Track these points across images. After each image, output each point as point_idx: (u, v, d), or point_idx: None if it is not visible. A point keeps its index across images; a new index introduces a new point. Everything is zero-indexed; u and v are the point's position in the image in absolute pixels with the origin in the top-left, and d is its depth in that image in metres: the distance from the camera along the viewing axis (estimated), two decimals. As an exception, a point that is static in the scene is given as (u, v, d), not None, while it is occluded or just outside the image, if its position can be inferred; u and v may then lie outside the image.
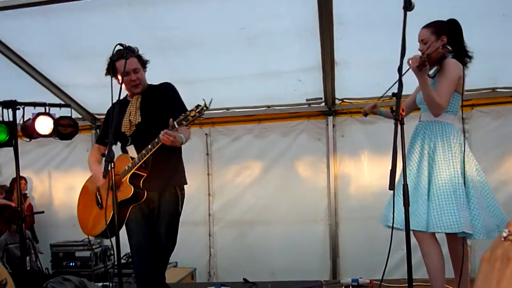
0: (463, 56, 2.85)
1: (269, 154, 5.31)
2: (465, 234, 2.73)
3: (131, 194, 2.86)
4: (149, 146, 2.85)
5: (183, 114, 2.70)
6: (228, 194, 5.41)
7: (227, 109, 5.22)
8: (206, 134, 5.43)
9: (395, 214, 2.49)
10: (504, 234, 0.68)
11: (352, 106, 5.07)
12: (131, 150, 3.05)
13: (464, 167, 2.80)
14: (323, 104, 5.08)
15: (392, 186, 1.97)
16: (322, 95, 4.95)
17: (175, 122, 2.71)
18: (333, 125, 5.13)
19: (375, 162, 4.89)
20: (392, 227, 2.33)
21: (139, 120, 3.05)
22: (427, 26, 2.90)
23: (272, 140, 5.31)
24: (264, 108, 5.23)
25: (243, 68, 4.57)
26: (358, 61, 4.34)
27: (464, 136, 4.70)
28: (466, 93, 4.46)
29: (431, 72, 2.86)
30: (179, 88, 4.26)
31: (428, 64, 2.62)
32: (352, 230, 5.07)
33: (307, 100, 5.06)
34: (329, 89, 4.73)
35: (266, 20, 3.89)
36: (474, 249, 4.52)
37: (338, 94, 4.94)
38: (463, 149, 2.82)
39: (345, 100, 5.06)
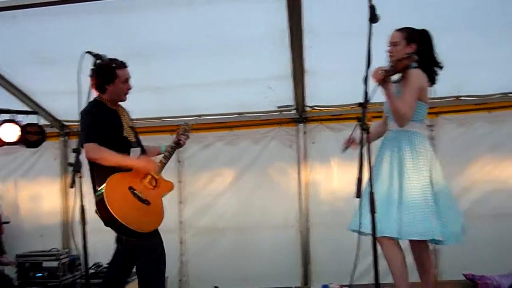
0: (431, 66, 2.93)
1: (241, 161, 5.33)
2: (435, 241, 2.80)
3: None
4: (169, 149, 3.50)
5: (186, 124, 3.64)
6: (200, 201, 5.39)
7: (199, 116, 5.21)
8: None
9: (364, 219, 2.54)
10: None
11: (323, 113, 5.15)
12: (137, 153, 3.30)
13: (431, 175, 2.87)
14: (294, 111, 5.13)
15: (358, 194, 2.01)
16: (293, 103, 5.00)
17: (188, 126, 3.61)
18: (304, 132, 5.18)
19: (345, 169, 4.95)
20: (359, 233, 2.38)
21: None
22: (400, 30, 2.99)
23: (244, 147, 5.33)
24: (235, 115, 5.25)
25: (215, 75, 4.57)
26: (328, 69, 4.40)
27: (431, 143, 4.85)
28: (431, 100, 4.62)
29: (394, 78, 2.93)
30: (151, 95, 4.27)
31: (391, 75, 2.69)
32: (323, 236, 5.11)
33: (278, 107, 5.11)
34: (299, 97, 4.79)
35: (238, 28, 3.91)
36: (441, 253, 4.64)
37: (309, 102, 5.00)
38: (430, 157, 2.90)
39: (315, 108, 5.13)
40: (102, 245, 5.02)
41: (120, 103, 3.40)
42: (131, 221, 2.98)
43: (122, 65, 3.28)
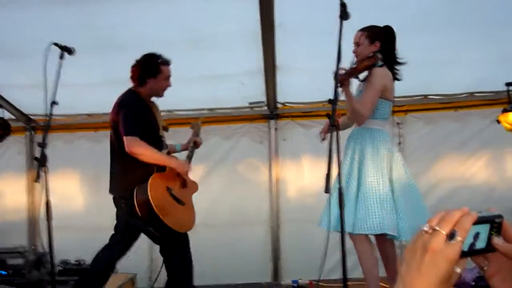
0: (392, 64, 2.98)
1: (212, 157, 5.30)
2: (391, 235, 2.86)
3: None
4: (190, 150, 3.49)
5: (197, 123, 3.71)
6: (170, 197, 5.34)
7: (169, 111, 5.16)
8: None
9: (327, 217, 2.58)
10: (425, 228, 0.75)
11: (294, 110, 5.18)
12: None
13: (391, 171, 2.92)
14: (265, 107, 5.14)
15: (327, 189, 2.04)
16: (264, 99, 5.00)
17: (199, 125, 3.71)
18: (275, 129, 5.20)
19: (315, 165, 4.99)
20: (329, 229, 2.41)
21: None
22: (363, 30, 3.02)
23: (215, 143, 5.30)
24: (206, 111, 5.22)
25: (186, 70, 4.52)
26: (300, 66, 4.43)
27: (399, 140, 4.95)
28: (401, 99, 4.74)
29: (361, 76, 2.98)
30: (120, 88, 4.18)
31: (350, 78, 2.73)
32: (293, 232, 5.15)
33: (249, 103, 5.11)
34: (271, 93, 4.80)
35: (211, 23, 3.89)
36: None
37: (280, 98, 5.02)
38: (391, 154, 2.95)
39: (286, 104, 5.15)
40: (69, 241, 4.97)
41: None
42: (174, 222, 3.05)
43: (167, 62, 3.32)
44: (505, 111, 3.91)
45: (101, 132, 5.27)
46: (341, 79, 2.64)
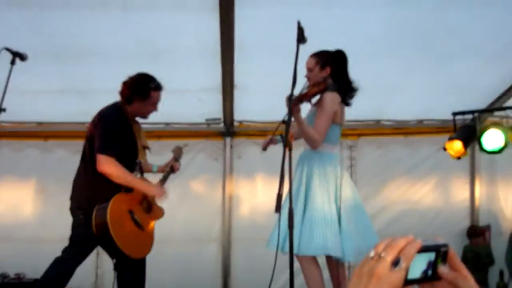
0: (344, 88, 3.05)
1: (165, 172, 5.23)
2: (335, 257, 2.90)
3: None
4: (165, 174, 3.43)
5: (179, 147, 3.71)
6: (120, 211, 5.21)
7: (124, 123, 5.07)
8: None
9: (274, 238, 2.59)
10: (371, 254, 0.77)
11: (250, 128, 5.20)
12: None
13: (338, 193, 2.97)
14: (221, 125, 5.14)
15: (278, 208, 2.05)
16: (221, 116, 5.01)
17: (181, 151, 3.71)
18: (231, 146, 5.20)
19: (269, 184, 5.01)
20: (277, 250, 2.42)
21: None
22: (314, 55, 3.07)
23: (169, 158, 5.22)
24: (162, 125, 5.16)
25: (142, 83, 4.48)
26: (258, 85, 4.47)
27: (351, 163, 5.05)
28: (353, 123, 4.87)
29: (313, 100, 3.03)
30: (74, 98, 4.10)
31: (301, 103, 2.78)
32: (244, 250, 5.13)
33: (206, 120, 5.09)
34: (228, 111, 4.81)
35: (170, 37, 3.88)
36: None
37: (237, 116, 5.04)
38: (338, 177, 3.00)
39: (243, 123, 5.17)
40: (9, 254, 4.75)
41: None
42: (127, 246, 2.93)
43: (159, 87, 3.25)
44: (451, 139, 4.08)
45: (51, 142, 5.12)
46: (292, 106, 2.68)
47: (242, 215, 5.21)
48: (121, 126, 3.10)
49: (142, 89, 3.14)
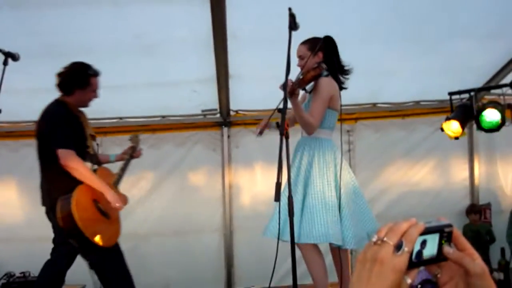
0: (338, 72, 3.04)
1: (164, 165, 5.23)
2: (336, 244, 2.91)
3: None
4: (125, 162, 3.40)
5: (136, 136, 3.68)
6: (121, 206, 5.22)
7: (120, 118, 5.06)
8: (97, 144, 5.20)
9: (271, 226, 2.60)
10: (374, 239, 0.77)
11: (247, 117, 5.19)
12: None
13: (338, 180, 2.97)
14: (218, 115, 5.13)
15: (277, 197, 2.06)
16: (217, 106, 5.00)
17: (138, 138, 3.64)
18: (228, 136, 5.20)
19: (268, 172, 5.03)
20: (278, 238, 2.43)
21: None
22: (304, 43, 3.07)
23: (167, 151, 5.24)
24: (158, 118, 5.16)
25: (137, 77, 4.46)
26: (252, 75, 4.46)
27: (349, 148, 5.06)
28: (350, 107, 4.87)
29: (308, 87, 3.02)
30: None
31: (299, 88, 2.77)
32: (246, 239, 5.15)
33: (202, 111, 5.08)
34: (223, 101, 4.80)
35: (163, 30, 3.85)
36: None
37: (233, 106, 5.03)
38: (337, 163, 3.00)
39: (239, 112, 5.16)
40: (13, 253, 4.77)
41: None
42: (95, 235, 2.92)
43: (97, 73, 3.24)
44: (448, 119, 4.07)
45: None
46: (290, 90, 2.67)
47: (243, 204, 5.22)
48: (67, 119, 3.11)
49: (80, 78, 3.15)
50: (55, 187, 3.04)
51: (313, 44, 3.04)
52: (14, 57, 2.84)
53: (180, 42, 3.98)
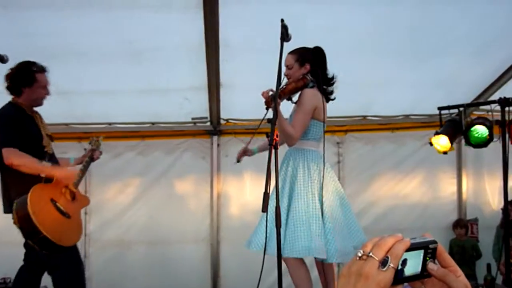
0: (323, 84, 3.03)
1: (152, 172, 5.19)
2: (319, 258, 2.88)
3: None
4: (85, 164, 3.35)
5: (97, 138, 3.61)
6: (107, 212, 5.15)
7: (109, 124, 5.02)
8: (84, 149, 5.15)
9: (255, 238, 2.57)
10: (359, 254, 0.76)
11: (237, 126, 5.18)
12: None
13: (323, 192, 2.95)
14: (208, 123, 5.11)
15: (264, 208, 2.03)
16: (207, 115, 4.98)
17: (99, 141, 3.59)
18: (218, 145, 5.17)
19: (257, 182, 5.00)
20: (265, 249, 2.40)
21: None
22: (292, 52, 3.06)
23: (156, 158, 5.20)
24: (148, 125, 5.12)
25: (128, 83, 4.44)
26: (243, 84, 4.45)
27: (338, 159, 5.05)
28: (341, 119, 4.87)
29: (294, 98, 3.03)
30: (56, 99, 4.03)
31: (279, 99, 2.77)
32: (233, 249, 5.10)
33: (192, 118, 5.06)
34: (214, 109, 4.78)
35: (155, 36, 3.83)
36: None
37: (224, 115, 5.01)
38: (323, 174, 2.98)
39: (230, 121, 5.15)
40: (10, 258, 4.67)
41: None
42: (54, 234, 2.86)
43: (43, 69, 3.18)
44: (437, 133, 4.08)
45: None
46: (268, 100, 2.67)
47: (231, 214, 5.18)
48: (19, 119, 3.09)
49: (26, 76, 3.12)
50: (14, 190, 3.00)
51: (301, 54, 3.04)
52: (3, 59, 2.80)
53: (172, 50, 3.97)
